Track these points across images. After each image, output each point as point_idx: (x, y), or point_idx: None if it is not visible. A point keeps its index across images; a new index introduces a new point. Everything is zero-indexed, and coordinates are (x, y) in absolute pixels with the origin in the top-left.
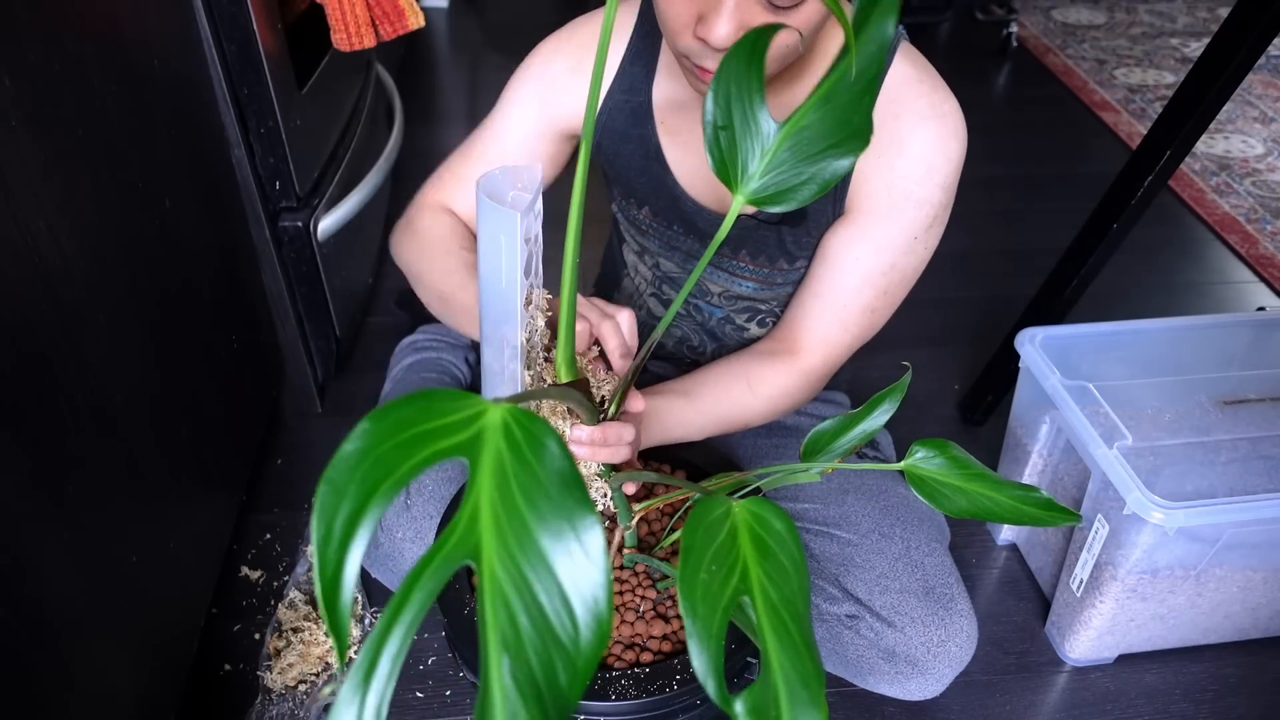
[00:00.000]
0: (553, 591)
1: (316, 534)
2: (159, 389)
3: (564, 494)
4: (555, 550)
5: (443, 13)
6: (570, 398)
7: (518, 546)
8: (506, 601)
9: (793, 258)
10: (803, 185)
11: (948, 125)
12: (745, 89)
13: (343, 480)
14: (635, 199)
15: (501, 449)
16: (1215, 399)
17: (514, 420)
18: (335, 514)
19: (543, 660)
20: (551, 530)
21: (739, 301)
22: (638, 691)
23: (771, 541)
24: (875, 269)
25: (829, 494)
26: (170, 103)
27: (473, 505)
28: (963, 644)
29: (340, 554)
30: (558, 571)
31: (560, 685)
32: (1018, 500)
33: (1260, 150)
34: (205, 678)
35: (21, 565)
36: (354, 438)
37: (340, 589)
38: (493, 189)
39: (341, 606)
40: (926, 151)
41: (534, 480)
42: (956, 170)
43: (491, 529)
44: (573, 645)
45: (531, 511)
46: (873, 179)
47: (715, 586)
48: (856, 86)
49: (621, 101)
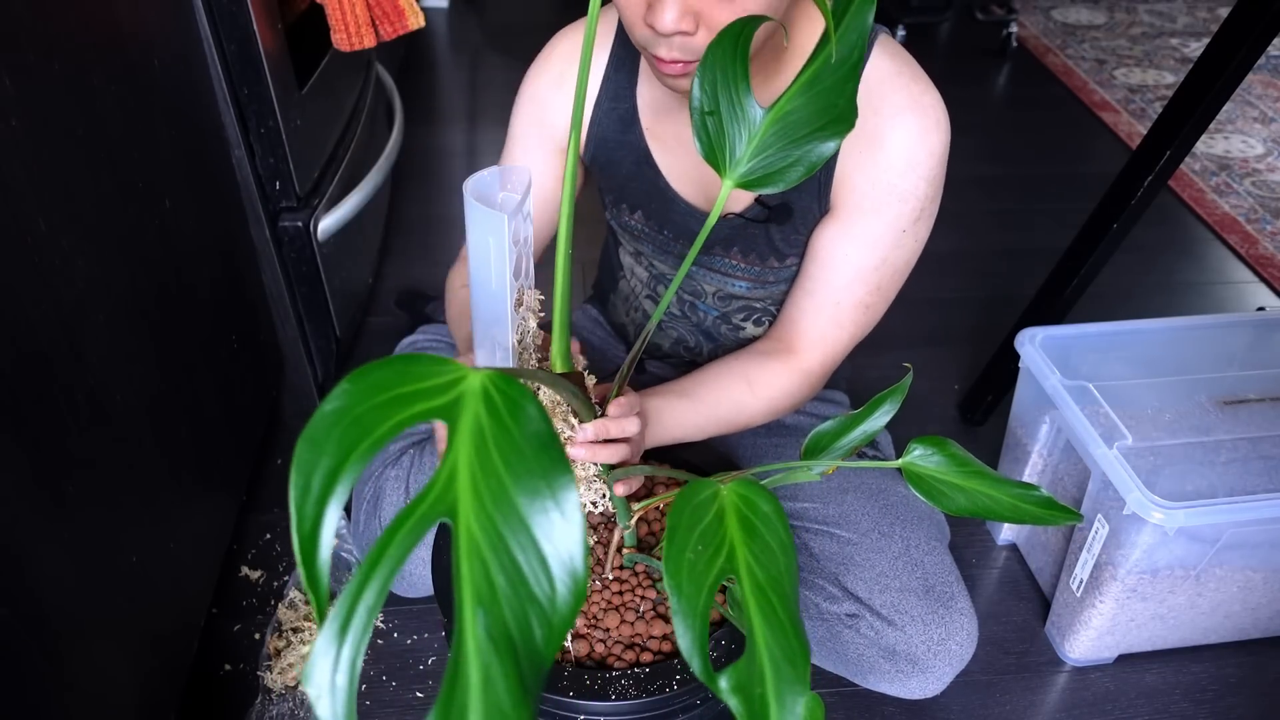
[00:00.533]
0: (529, 549)
1: (294, 489)
2: (159, 389)
3: (541, 455)
4: (532, 509)
5: (443, 13)
6: (564, 388)
7: (494, 506)
8: (482, 558)
9: (782, 255)
10: (790, 167)
11: (929, 117)
12: (731, 75)
13: (321, 438)
14: (628, 205)
15: (480, 412)
16: (1215, 399)
17: (494, 385)
18: (313, 470)
19: (518, 616)
20: (528, 490)
21: (733, 301)
22: (638, 691)
23: (759, 523)
24: (866, 264)
25: (829, 493)
26: (170, 103)
27: (450, 465)
28: (963, 642)
29: (318, 509)
30: (534, 530)
31: (535, 641)
32: (1017, 498)
33: (1260, 150)
34: (205, 678)
35: (21, 565)
36: (333, 397)
37: (318, 544)
38: (481, 191)
39: (319, 562)
40: (907, 144)
41: (511, 443)
42: (941, 162)
43: (469, 488)
44: (549, 602)
45: (509, 472)
46: (855, 175)
47: (701, 566)
48: (839, 72)
49: (609, 109)
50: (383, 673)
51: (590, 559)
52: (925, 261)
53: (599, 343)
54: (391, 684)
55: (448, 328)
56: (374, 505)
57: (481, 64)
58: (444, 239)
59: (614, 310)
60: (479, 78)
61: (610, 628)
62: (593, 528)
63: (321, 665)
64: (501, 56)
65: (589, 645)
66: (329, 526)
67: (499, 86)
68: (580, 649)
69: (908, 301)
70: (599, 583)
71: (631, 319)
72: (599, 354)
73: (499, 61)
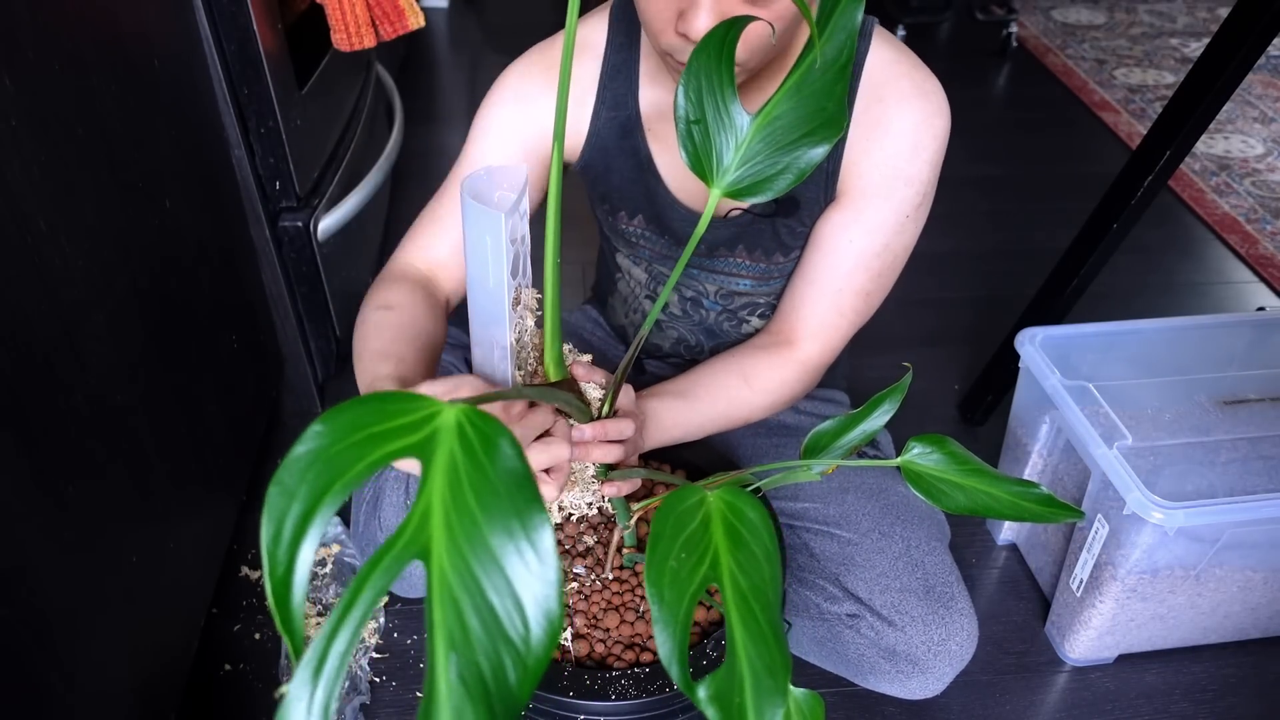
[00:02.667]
0: (503, 590)
1: (266, 535)
2: (159, 389)
3: (516, 494)
4: (505, 549)
5: (443, 13)
6: (557, 397)
7: (468, 545)
8: (455, 600)
9: (788, 249)
10: (779, 175)
11: (931, 102)
12: (716, 82)
13: (293, 482)
14: (626, 211)
15: (454, 449)
16: (1215, 399)
17: (468, 420)
18: (285, 516)
19: (491, 659)
20: (502, 529)
21: (736, 299)
22: (638, 691)
23: (744, 530)
24: (869, 250)
25: (828, 493)
26: (170, 103)
27: (424, 505)
28: (963, 642)
29: (290, 554)
30: (508, 570)
31: (509, 684)
32: (1017, 496)
33: (1260, 150)
34: (205, 678)
35: (22, 565)
36: (305, 439)
37: (291, 589)
38: (477, 190)
39: (293, 605)
40: (912, 129)
41: (485, 480)
42: (943, 147)
43: (442, 528)
44: (523, 643)
45: (483, 511)
46: (863, 162)
47: (684, 573)
48: (827, 75)
49: (609, 118)
50: (382, 672)
51: (590, 559)
52: (925, 261)
53: (598, 343)
54: (391, 684)
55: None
56: (374, 506)
57: (481, 64)
58: None
59: (613, 312)
60: (479, 78)
61: (610, 628)
62: (593, 528)
63: (296, 709)
64: (501, 56)
65: (589, 645)
66: (302, 571)
67: None
68: (580, 649)
69: (908, 301)
70: (599, 583)
71: (630, 320)
72: (598, 355)
73: (499, 61)
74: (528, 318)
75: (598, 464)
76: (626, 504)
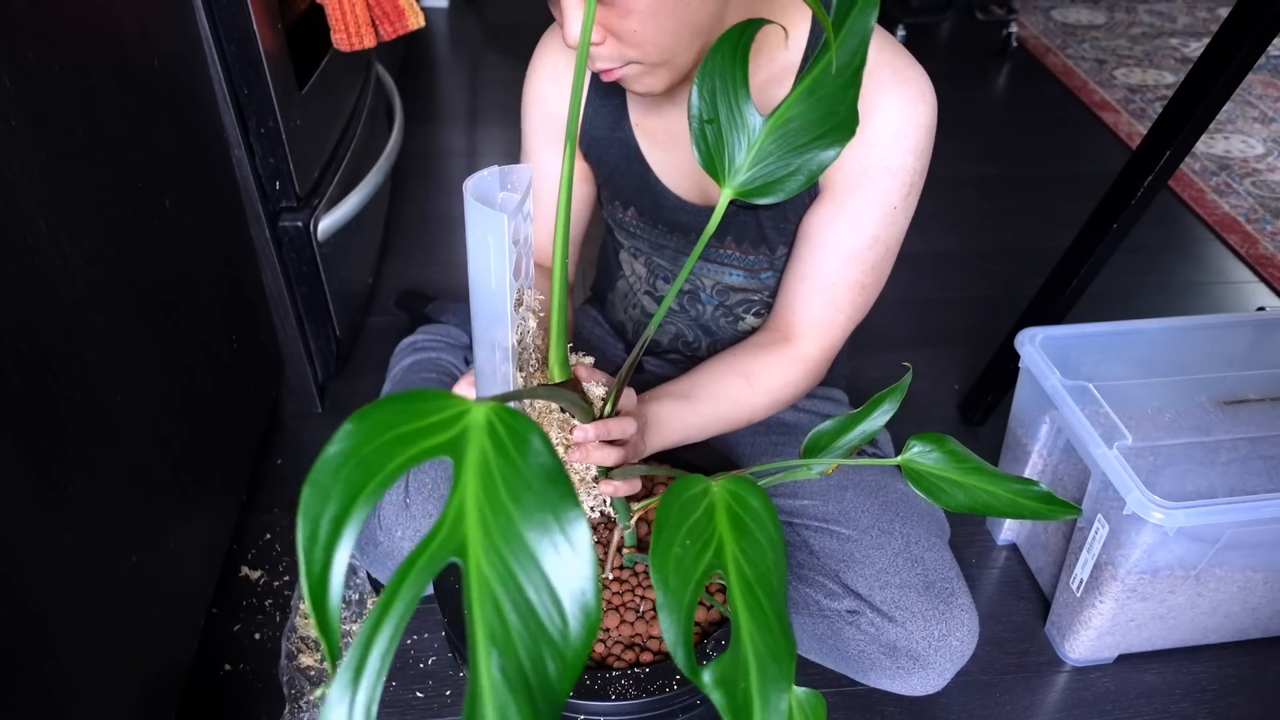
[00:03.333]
0: (540, 586)
1: (302, 535)
2: (159, 389)
3: (549, 489)
4: (541, 545)
5: (443, 13)
6: (562, 397)
7: (504, 542)
8: (494, 597)
9: (773, 245)
10: (790, 176)
11: (912, 89)
12: (730, 83)
13: (327, 482)
14: (621, 201)
15: (485, 447)
16: (1215, 399)
17: (498, 418)
18: (321, 516)
19: (532, 654)
20: (537, 525)
21: (731, 294)
22: (638, 691)
23: (748, 519)
24: (859, 243)
25: (828, 490)
26: (170, 103)
27: (458, 503)
28: (964, 638)
29: (327, 555)
30: (544, 566)
31: (550, 678)
32: (1016, 493)
33: (1260, 150)
34: (205, 678)
35: (22, 565)
36: (337, 439)
37: (328, 589)
38: (481, 191)
39: (330, 606)
40: (893, 117)
41: (518, 476)
42: (928, 135)
43: (477, 526)
44: (561, 638)
45: (517, 507)
46: (844, 154)
47: (689, 560)
48: (840, 79)
49: (599, 106)
50: None
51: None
52: (925, 261)
53: (597, 341)
54: (391, 684)
55: (446, 327)
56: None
57: (481, 64)
58: (444, 239)
59: (612, 309)
60: (479, 78)
61: (610, 628)
62: (593, 528)
63: (337, 711)
64: (501, 56)
65: None
66: (338, 570)
67: (499, 86)
68: None
69: (908, 301)
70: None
71: (630, 316)
72: (597, 353)
73: (499, 61)
74: (530, 319)
75: (597, 464)
76: (626, 504)
